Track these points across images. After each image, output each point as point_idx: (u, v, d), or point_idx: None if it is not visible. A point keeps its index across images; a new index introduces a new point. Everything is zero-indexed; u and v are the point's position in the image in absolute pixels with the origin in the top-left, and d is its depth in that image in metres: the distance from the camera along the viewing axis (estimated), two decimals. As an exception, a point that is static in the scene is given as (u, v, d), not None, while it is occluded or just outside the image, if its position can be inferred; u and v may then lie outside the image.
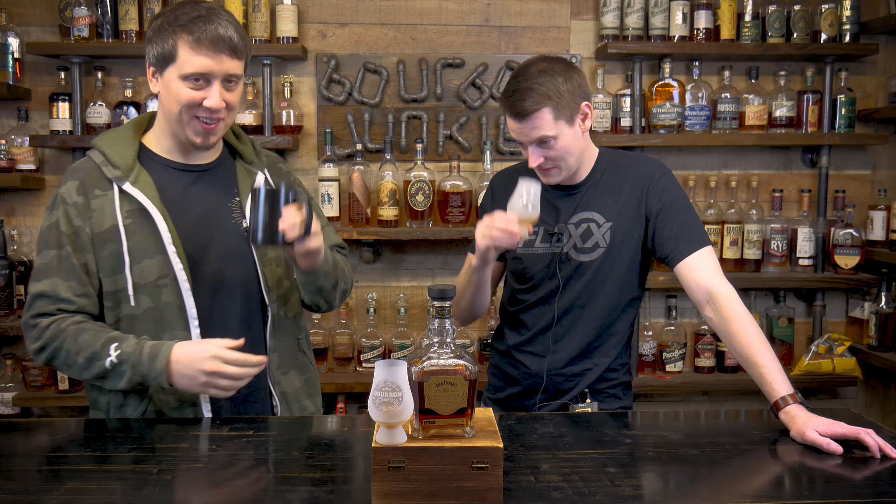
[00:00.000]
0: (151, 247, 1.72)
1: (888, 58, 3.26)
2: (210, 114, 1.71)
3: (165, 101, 1.74)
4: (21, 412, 3.05)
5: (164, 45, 1.69)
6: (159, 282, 1.73)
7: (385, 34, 3.15)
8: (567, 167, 1.93)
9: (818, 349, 3.14)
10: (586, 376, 2.00)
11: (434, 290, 1.34)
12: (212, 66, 1.68)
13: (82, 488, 1.37)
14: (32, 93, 3.09)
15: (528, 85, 1.84)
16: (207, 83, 1.69)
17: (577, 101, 1.89)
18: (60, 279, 1.72)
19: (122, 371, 1.66)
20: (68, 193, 1.75)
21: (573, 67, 1.91)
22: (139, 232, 1.72)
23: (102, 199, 1.74)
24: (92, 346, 1.67)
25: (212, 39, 1.67)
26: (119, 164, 1.74)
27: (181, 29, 1.67)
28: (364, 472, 1.42)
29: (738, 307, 1.80)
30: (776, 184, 3.25)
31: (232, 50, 1.69)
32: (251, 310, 1.83)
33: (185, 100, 1.69)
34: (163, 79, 1.72)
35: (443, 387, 1.31)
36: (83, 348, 1.67)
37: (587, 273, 1.96)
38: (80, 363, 1.68)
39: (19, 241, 3.09)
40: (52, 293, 1.71)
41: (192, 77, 1.68)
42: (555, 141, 1.87)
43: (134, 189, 1.73)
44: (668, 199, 1.94)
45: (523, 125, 1.86)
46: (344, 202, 3.07)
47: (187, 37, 1.67)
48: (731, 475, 1.47)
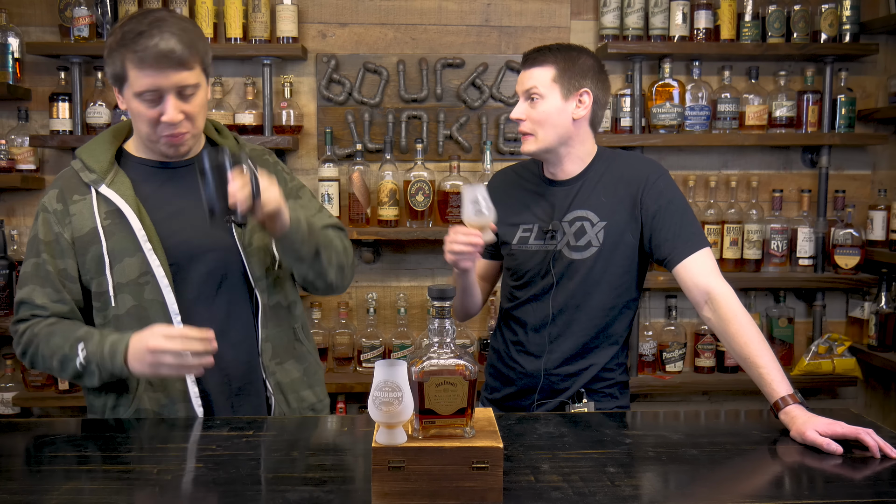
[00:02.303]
0: (130, 245, 1.74)
1: (888, 58, 3.26)
2: (171, 128, 1.72)
3: (132, 118, 1.77)
4: (21, 412, 3.05)
5: (115, 66, 1.70)
6: (140, 279, 1.74)
7: (385, 34, 3.15)
8: (544, 138, 1.94)
9: (818, 349, 3.14)
10: (582, 376, 2.00)
11: (434, 290, 1.34)
12: (159, 81, 1.66)
13: (82, 488, 1.37)
14: (32, 93, 3.09)
15: (549, 46, 1.97)
16: (161, 99, 1.69)
17: (581, 83, 1.93)
18: (37, 286, 1.76)
19: (92, 370, 1.69)
20: (49, 202, 1.79)
21: (600, 65, 1.99)
22: (117, 232, 1.75)
23: (81, 203, 1.77)
24: (62, 349, 1.71)
25: (154, 57, 1.64)
26: (95, 167, 1.78)
27: (125, 49, 1.66)
28: (364, 472, 1.42)
29: (737, 307, 1.80)
30: (776, 184, 3.26)
31: (179, 63, 1.66)
32: (238, 301, 1.82)
33: (146, 117, 1.71)
34: (123, 98, 1.74)
35: (443, 387, 1.31)
36: (55, 351, 1.72)
37: (580, 272, 1.96)
38: (56, 366, 1.73)
39: (19, 241, 3.09)
40: (29, 300, 1.76)
41: (143, 95, 1.68)
42: (541, 101, 1.92)
43: (109, 190, 1.76)
44: (664, 202, 1.94)
45: (525, 72, 1.96)
46: (344, 202, 3.07)
47: (132, 56, 1.66)
48: (730, 475, 1.47)
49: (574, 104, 1.93)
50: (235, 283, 1.82)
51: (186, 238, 1.78)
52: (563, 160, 1.98)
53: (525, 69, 1.96)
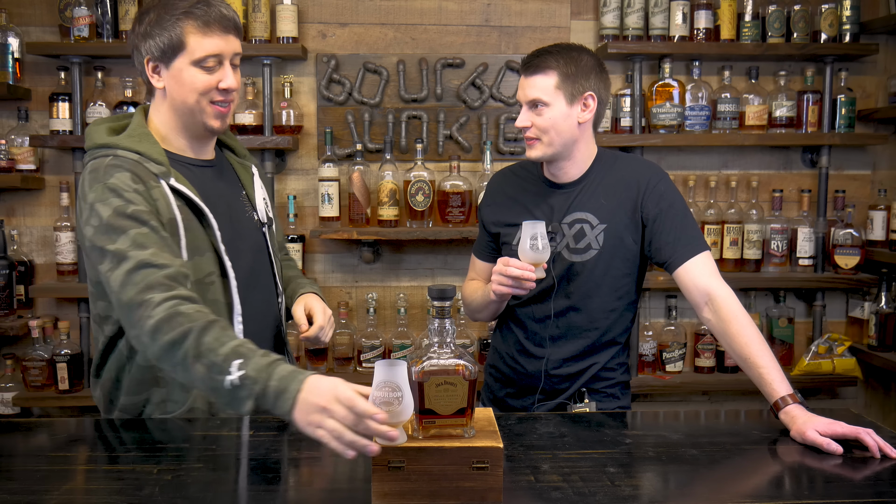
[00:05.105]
0: (202, 244, 1.70)
1: (888, 58, 3.26)
2: (226, 95, 1.72)
3: (177, 92, 1.71)
4: (21, 412, 3.04)
5: (168, 36, 1.67)
6: (206, 279, 1.70)
7: (385, 34, 3.15)
8: (550, 143, 1.92)
9: (818, 349, 3.14)
10: (583, 376, 2.00)
11: (434, 290, 1.34)
12: (223, 46, 1.69)
13: (82, 488, 1.37)
14: (32, 93, 3.09)
15: (548, 49, 1.93)
16: (219, 65, 1.70)
17: (584, 86, 1.91)
18: (157, 249, 1.55)
19: (242, 397, 1.40)
20: (124, 183, 1.60)
21: (600, 63, 1.96)
22: (192, 228, 1.69)
23: (158, 189, 1.65)
24: (213, 353, 1.43)
25: (219, 20, 1.68)
26: (160, 160, 1.68)
27: (186, 16, 1.67)
28: (364, 472, 1.42)
29: (737, 308, 1.80)
30: (776, 184, 3.25)
31: (236, 28, 1.73)
32: (269, 301, 1.87)
33: (201, 86, 1.69)
34: (170, 71, 1.69)
35: (443, 387, 1.31)
36: (203, 353, 1.43)
37: (580, 274, 1.96)
38: (199, 372, 1.44)
39: (19, 241, 3.09)
40: (155, 262, 1.52)
41: (205, 61, 1.68)
42: (546, 109, 1.89)
43: (179, 185, 1.67)
44: (665, 205, 1.94)
45: (527, 80, 1.92)
46: (344, 202, 3.07)
47: (194, 22, 1.67)
48: (730, 475, 1.47)
49: (579, 108, 1.92)
50: (267, 283, 1.87)
51: (237, 237, 1.78)
52: (566, 163, 1.98)
53: (526, 76, 1.92)
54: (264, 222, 1.88)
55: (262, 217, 1.88)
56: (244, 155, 1.94)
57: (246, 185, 1.89)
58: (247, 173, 1.91)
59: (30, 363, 2.99)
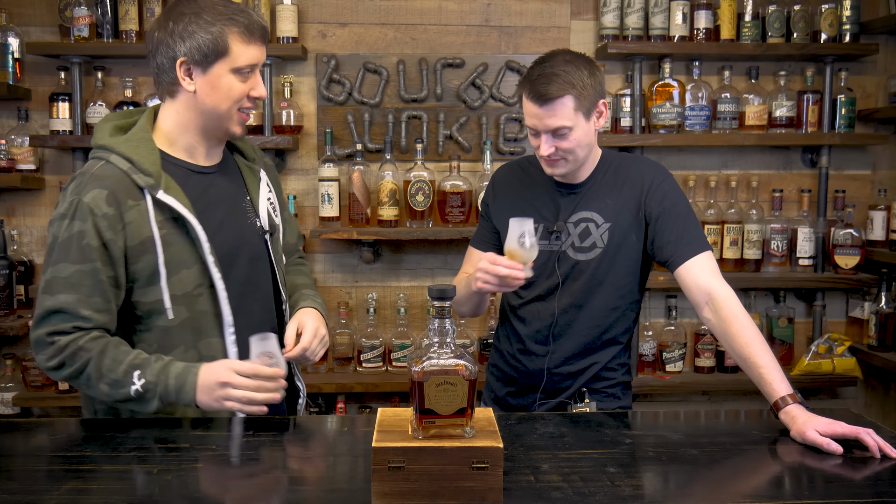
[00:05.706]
0: (188, 257, 1.68)
1: (888, 58, 3.26)
2: (254, 103, 1.74)
3: (209, 97, 1.68)
4: (21, 412, 3.05)
5: (213, 40, 1.64)
6: (195, 291, 1.70)
7: (385, 34, 3.15)
8: (574, 160, 1.91)
9: (818, 349, 3.14)
10: (584, 375, 2.01)
11: (434, 290, 1.34)
12: (260, 56, 1.72)
13: (82, 488, 1.37)
14: (32, 93, 3.09)
15: (554, 71, 1.82)
16: (252, 74, 1.71)
17: (597, 98, 1.88)
18: (83, 296, 1.62)
19: (150, 399, 1.63)
20: (95, 204, 1.62)
21: (595, 65, 1.91)
22: (175, 242, 1.67)
23: (135, 210, 1.65)
24: (113, 372, 1.62)
25: (260, 30, 1.71)
26: (150, 170, 1.66)
27: (230, 22, 1.66)
28: (364, 472, 1.42)
29: (737, 308, 1.80)
30: (776, 184, 3.26)
31: (267, 38, 1.75)
32: (271, 310, 1.86)
33: (237, 94, 1.69)
34: (206, 76, 1.67)
35: (443, 387, 1.31)
36: (104, 374, 1.62)
37: (585, 273, 1.96)
38: (104, 389, 1.64)
39: (19, 241, 3.09)
40: (72, 310, 1.62)
41: (244, 69, 1.69)
42: (570, 132, 1.85)
43: (168, 197, 1.66)
44: (668, 204, 1.94)
45: (544, 110, 1.83)
46: (344, 202, 3.07)
47: (239, 28, 1.66)
48: (730, 475, 1.47)
49: (595, 118, 1.91)
50: (268, 291, 1.86)
51: (234, 246, 1.77)
52: (581, 169, 1.98)
53: (541, 106, 1.83)
54: (266, 229, 1.85)
55: (264, 224, 1.85)
56: (253, 158, 1.91)
57: (251, 189, 1.86)
58: (254, 177, 1.88)
59: (30, 363, 2.99)
